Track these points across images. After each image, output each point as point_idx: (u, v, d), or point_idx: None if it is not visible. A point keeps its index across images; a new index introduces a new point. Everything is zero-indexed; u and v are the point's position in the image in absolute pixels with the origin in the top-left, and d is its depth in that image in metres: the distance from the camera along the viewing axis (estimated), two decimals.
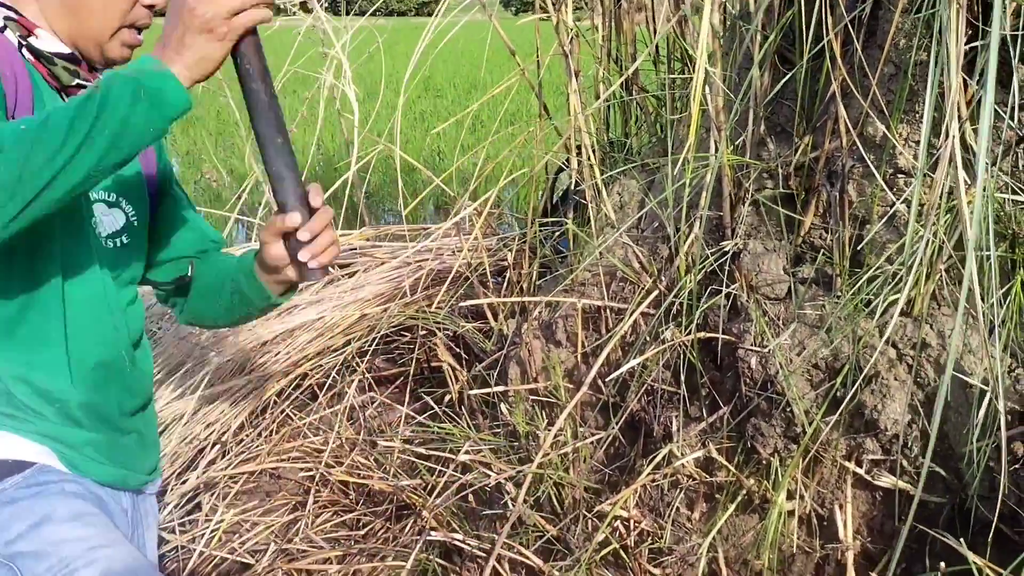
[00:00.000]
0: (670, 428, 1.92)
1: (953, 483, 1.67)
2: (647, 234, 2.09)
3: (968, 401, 1.60)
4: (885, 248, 1.69)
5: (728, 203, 1.84)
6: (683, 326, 1.86)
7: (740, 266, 1.78)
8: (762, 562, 1.92)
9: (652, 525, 1.97)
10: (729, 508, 1.86)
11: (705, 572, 1.97)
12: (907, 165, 1.64)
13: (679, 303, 1.87)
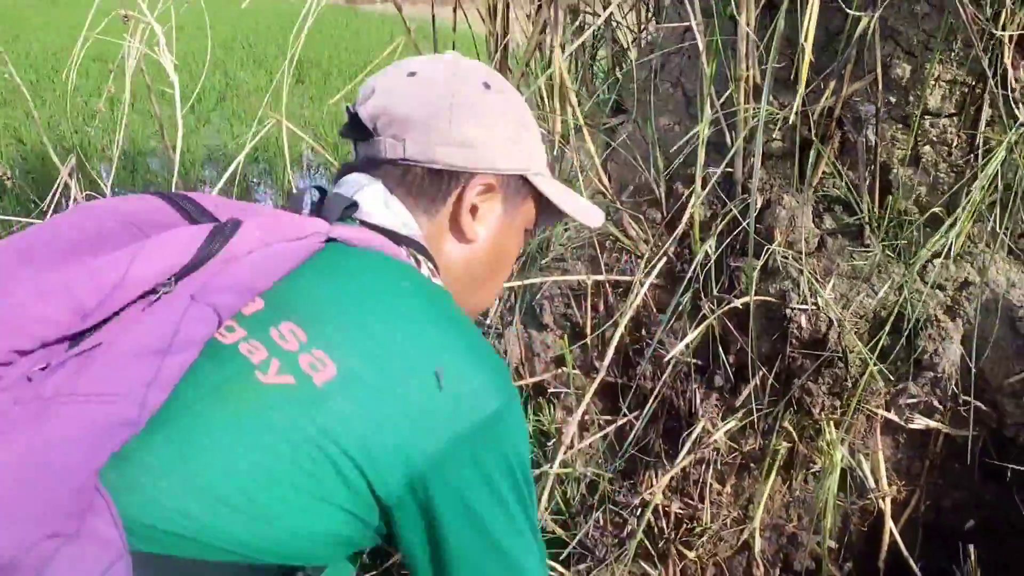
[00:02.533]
0: (695, 404, 1.80)
1: (989, 416, 1.71)
2: (625, 199, 1.94)
3: (1016, 331, 1.63)
4: (915, 191, 1.67)
5: (741, 157, 1.73)
6: (710, 295, 1.74)
7: (775, 222, 1.69)
8: (794, 523, 1.88)
9: (683, 508, 1.85)
10: (768, 477, 1.78)
11: (737, 544, 1.90)
12: (936, 107, 1.62)
13: (695, 270, 1.75)
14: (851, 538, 1.87)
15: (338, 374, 0.78)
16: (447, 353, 0.84)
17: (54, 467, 0.67)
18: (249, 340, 0.79)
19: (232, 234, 0.82)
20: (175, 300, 0.77)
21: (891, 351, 1.69)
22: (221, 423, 0.76)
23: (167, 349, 0.73)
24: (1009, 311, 1.62)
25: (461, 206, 1.02)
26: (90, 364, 0.72)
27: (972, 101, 1.58)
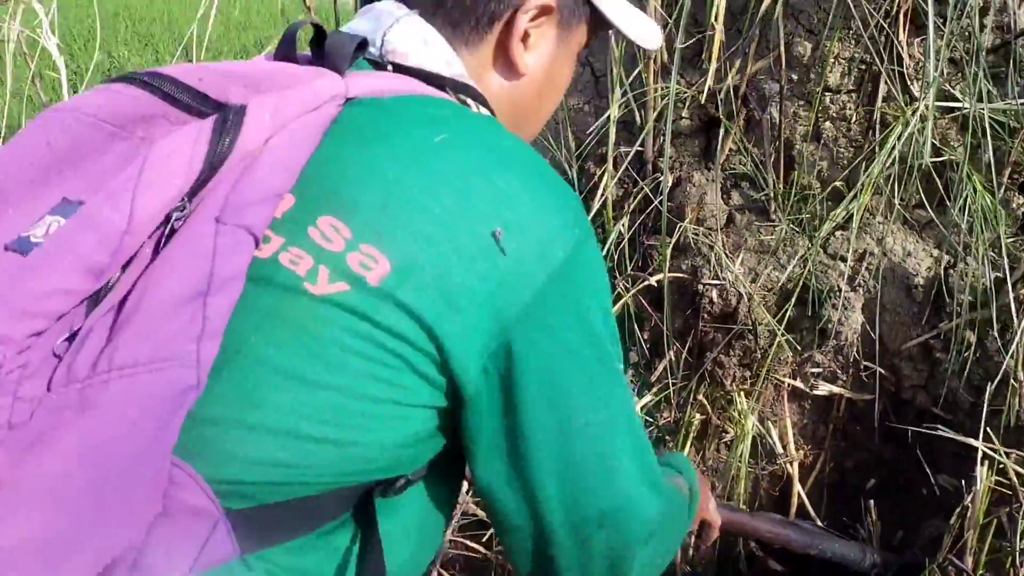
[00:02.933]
0: None
1: (888, 380, 1.80)
2: None
3: (912, 298, 1.71)
4: (817, 166, 1.73)
5: (651, 136, 1.76)
6: (624, 274, 1.76)
7: (685, 200, 1.72)
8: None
9: None
10: (683, 448, 1.83)
11: None
12: (836, 84, 1.68)
13: (608, 250, 1.77)
14: (761, 502, 1.94)
15: (392, 268, 0.69)
16: (504, 207, 0.73)
17: (128, 459, 0.58)
18: (289, 248, 0.69)
19: (239, 128, 0.69)
20: (199, 227, 0.66)
21: (797, 322, 1.75)
22: (284, 353, 0.68)
23: (206, 290, 0.63)
24: (905, 279, 1.70)
25: (511, 33, 0.87)
26: (123, 328, 0.62)
27: (870, 78, 1.64)
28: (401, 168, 0.72)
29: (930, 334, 1.71)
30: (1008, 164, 1.59)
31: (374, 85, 0.77)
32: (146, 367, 0.60)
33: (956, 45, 1.57)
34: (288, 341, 0.68)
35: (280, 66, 0.79)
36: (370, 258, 0.69)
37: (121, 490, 0.58)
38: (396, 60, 0.83)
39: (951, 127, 1.62)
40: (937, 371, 1.73)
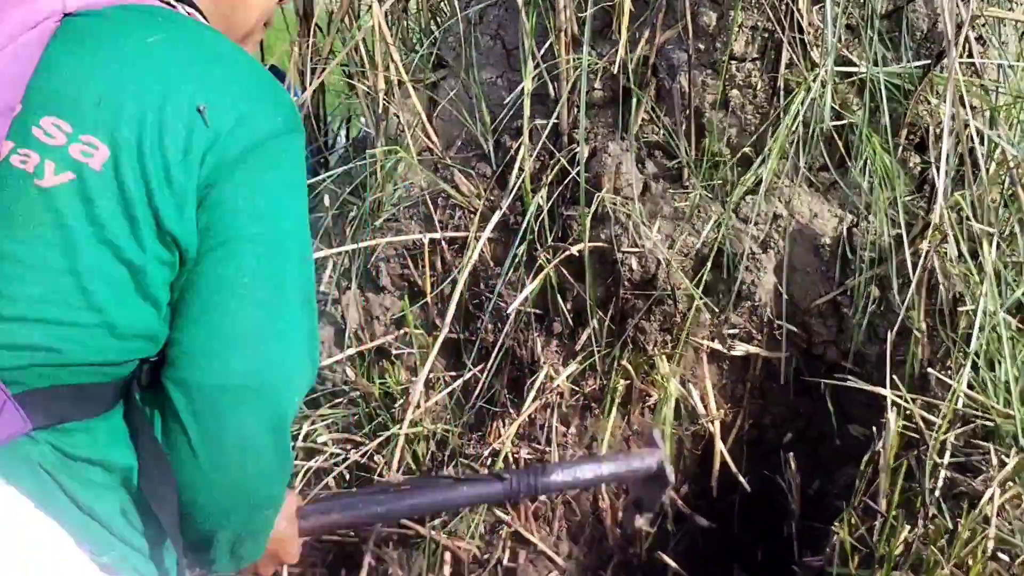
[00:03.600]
0: (537, 352, 1.85)
1: (800, 337, 1.87)
2: (454, 155, 1.94)
3: (820, 257, 1.78)
4: (726, 133, 1.78)
5: (565, 108, 1.77)
6: (545, 245, 1.78)
7: (601, 170, 1.75)
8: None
9: (531, 453, 1.90)
10: (609, 414, 1.87)
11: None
12: (741, 52, 1.72)
13: (528, 222, 1.78)
14: (686, 462, 2.00)
15: (111, 151, 0.77)
16: (209, 90, 0.82)
17: None
18: (18, 151, 0.76)
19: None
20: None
21: (713, 285, 1.81)
22: (25, 247, 0.75)
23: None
24: (813, 240, 1.78)
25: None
26: None
27: (773, 46, 1.69)
28: (116, 66, 0.80)
29: (837, 291, 1.79)
30: (904, 125, 1.67)
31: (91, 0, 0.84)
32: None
33: (852, 12, 1.63)
34: (27, 235, 0.75)
35: None
36: (90, 146, 0.77)
37: None
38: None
39: (850, 91, 1.70)
40: (845, 326, 1.82)
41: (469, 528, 1.85)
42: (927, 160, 1.72)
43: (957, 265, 1.67)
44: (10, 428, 0.74)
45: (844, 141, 1.71)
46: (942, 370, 1.71)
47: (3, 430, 0.73)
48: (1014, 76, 1.68)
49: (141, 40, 0.82)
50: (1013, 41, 1.73)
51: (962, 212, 1.64)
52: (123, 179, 0.77)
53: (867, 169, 1.68)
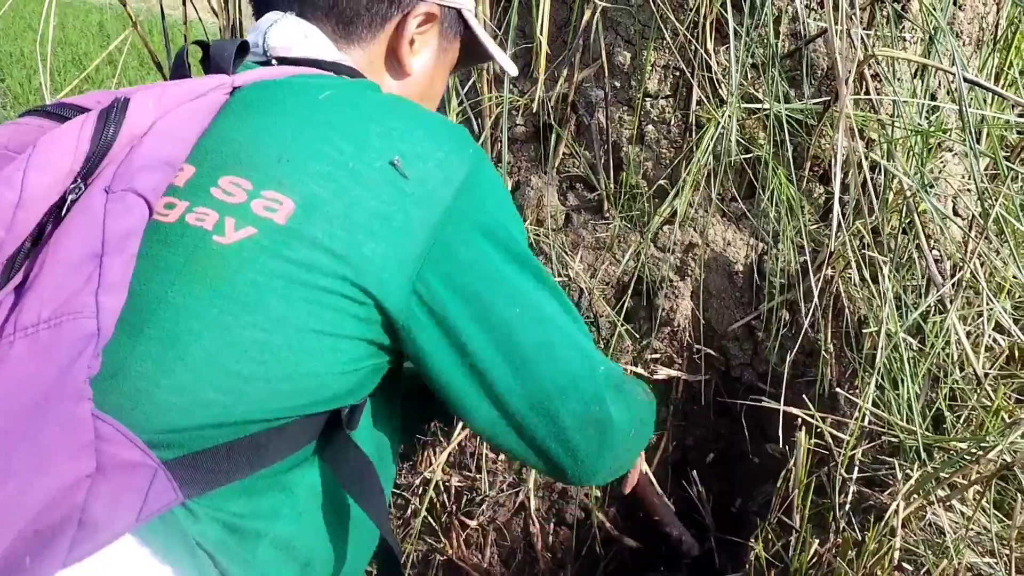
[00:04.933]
0: None
1: (718, 360, 1.95)
2: None
3: (734, 284, 1.86)
4: (643, 166, 1.85)
5: (488, 143, 1.83)
6: None
7: (524, 202, 1.81)
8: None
9: (462, 480, 1.94)
10: None
11: (514, 507, 2.02)
12: (654, 90, 1.81)
13: None
14: (612, 484, 2.05)
15: (297, 206, 0.73)
16: (396, 140, 0.78)
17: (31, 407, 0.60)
18: (194, 210, 0.73)
19: (123, 113, 0.73)
20: (91, 200, 0.69)
21: (634, 312, 1.87)
22: (202, 302, 0.70)
23: (101, 251, 0.66)
24: (727, 267, 1.86)
25: (401, 36, 0.95)
26: (26, 294, 0.65)
27: (684, 84, 1.78)
28: (293, 126, 0.77)
29: (752, 316, 1.87)
30: (808, 158, 1.76)
31: (259, 74, 0.83)
32: (47, 324, 0.63)
33: (756, 51, 1.73)
34: (204, 290, 0.71)
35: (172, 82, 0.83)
36: (274, 201, 0.73)
37: (25, 436, 0.59)
38: (279, 55, 0.89)
39: (757, 126, 1.79)
40: (760, 349, 1.90)
41: (402, 556, 1.87)
42: (830, 191, 1.82)
43: (861, 289, 1.76)
44: (161, 501, 0.67)
45: (753, 173, 1.80)
46: (850, 389, 1.80)
47: (154, 503, 0.66)
48: (908, 111, 1.78)
49: (314, 98, 0.80)
50: (907, 78, 1.84)
51: (864, 239, 1.74)
52: (311, 234, 0.72)
53: (775, 200, 1.77)
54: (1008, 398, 1.72)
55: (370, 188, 0.75)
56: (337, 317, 0.75)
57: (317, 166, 0.75)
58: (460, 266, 0.79)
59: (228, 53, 0.84)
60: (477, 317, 0.80)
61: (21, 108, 6.89)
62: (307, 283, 0.73)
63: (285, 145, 0.76)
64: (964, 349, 1.69)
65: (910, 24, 1.77)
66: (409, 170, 0.76)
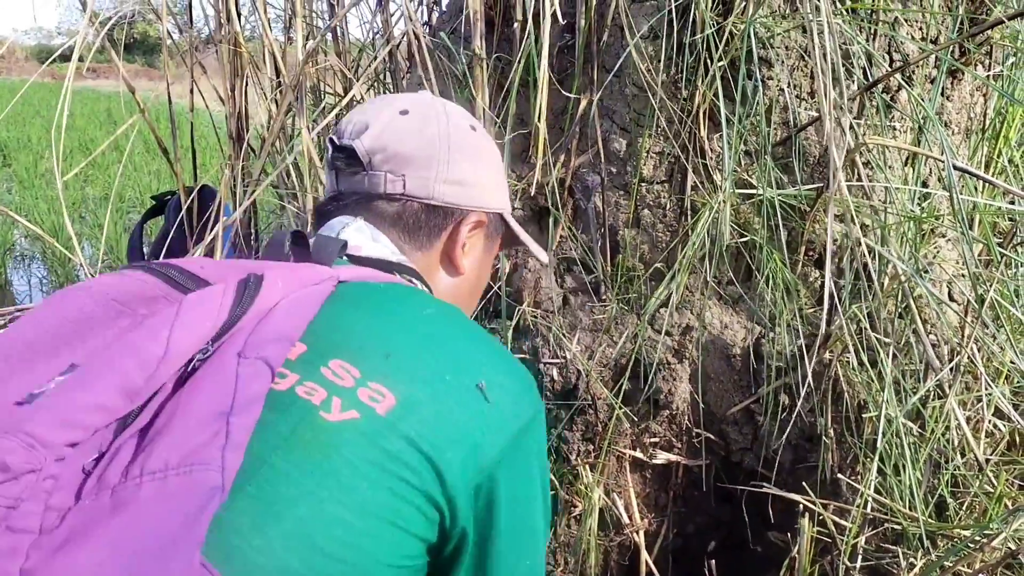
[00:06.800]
0: None
1: (718, 444, 1.93)
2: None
3: (732, 367, 1.86)
4: (639, 249, 1.87)
5: None
6: None
7: (523, 284, 1.82)
8: (561, 567, 1.99)
9: None
10: None
11: None
12: (650, 175, 1.84)
13: None
14: (612, 573, 2.01)
15: (398, 402, 0.79)
16: (484, 367, 0.86)
17: (157, 551, 0.61)
18: (304, 383, 0.79)
19: (258, 289, 0.82)
20: (224, 361, 0.75)
21: (632, 394, 1.86)
22: (302, 471, 0.74)
23: (230, 411, 0.71)
24: (725, 350, 1.86)
25: (456, 241, 1.08)
26: (154, 440, 0.69)
27: (679, 169, 1.81)
28: (400, 329, 0.87)
29: (750, 399, 1.86)
30: (803, 242, 1.78)
31: (356, 272, 0.94)
32: (176, 471, 0.66)
33: (749, 139, 1.76)
34: (304, 460, 0.75)
35: (271, 262, 0.93)
36: (378, 393, 0.80)
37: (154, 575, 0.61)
38: (352, 252, 1.01)
39: (751, 211, 1.81)
40: (760, 433, 1.88)
41: None
42: (826, 275, 1.83)
43: (859, 373, 1.76)
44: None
45: (749, 257, 1.82)
46: (851, 475, 1.78)
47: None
48: (901, 197, 1.81)
49: (419, 310, 0.90)
50: (898, 166, 1.87)
51: (861, 323, 1.74)
52: (406, 431, 0.78)
53: (771, 283, 1.78)
54: (1010, 484, 1.69)
55: (458, 402, 0.83)
56: (410, 513, 0.80)
57: (419, 371, 0.83)
58: (515, 496, 0.87)
59: (332, 249, 0.97)
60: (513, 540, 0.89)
61: (27, 192, 6.98)
62: (394, 475, 0.78)
63: (392, 345, 0.84)
64: (964, 434, 1.68)
65: (899, 113, 1.81)
66: (491, 396, 0.85)
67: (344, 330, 0.85)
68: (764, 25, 1.70)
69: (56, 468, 0.66)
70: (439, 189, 1.05)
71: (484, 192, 1.10)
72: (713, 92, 1.71)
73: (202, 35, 3.05)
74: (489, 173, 1.12)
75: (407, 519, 0.79)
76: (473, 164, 1.08)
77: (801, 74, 1.76)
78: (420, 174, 1.04)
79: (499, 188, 1.14)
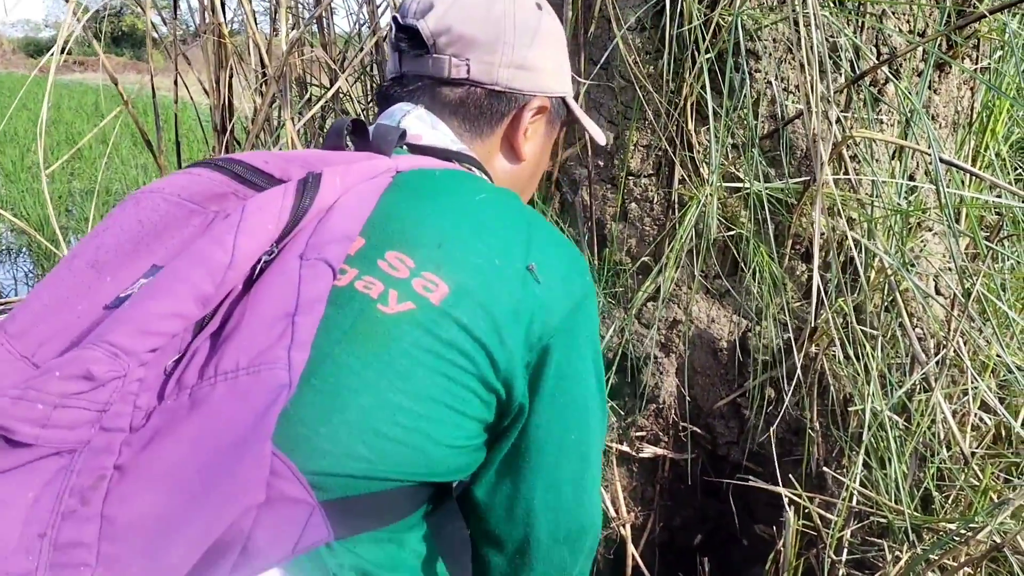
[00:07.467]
0: None
1: (704, 438, 1.93)
2: None
3: (718, 360, 1.86)
4: (626, 243, 1.87)
5: None
6: None
7: None
8: None
9: None
10: None
11: None
12: (637, 168, 1.83)
13: None
14: (598, 567, 2.00)
15: (451, 291, 0.82)
16: (534, 250, 0.88)
17: (231, 445, 0.66)
18: (362, 277, 0.82)
19: (316, 188, 0.83)
20: (287, 263, 0.78)
21: (619, 388, 1.86)
22: (363, 362, 0.78)
23: (295, 311, 0.74)
24: (711, 343, 1.85)
25: (517, 128, 1.07)
26: (225, 342, 0.73)
27: (666, 163, 1.81)
28: (453, 217, 0.89)
29: (737, 393, 1.86)
30: (789, 236, 1.78)
31: (414, 162, 0.95)
32: (246, 371, 0.71)
33: (736, 132, 1.76)
34: (365, 352, 0.79)
35: (331, 152, 0.94)
36: (432, 283, 0.82)
37: (227, 471, 0.66)
38: (411, 141, 1.01)
39: (739, 205, 1.81)
40: (746, 427, 1.88)
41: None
42: (812, 268, 1.83)
43: (845, 367, 1.76)
44: (315, 536, 0.73)
45: (736, 250, 1.82)
46: (837, 468, 1.78)
47: (309, 538, 0.72)
48: (887, 191, 1.81)
49: (471, 197, 0.91)
50: (885, 159, 1.87)
51: (847, 317, 1.74)
52: (459, 318, 0.81)
53: (758, 277, 1.78)
54: (996, 478, 1.70)
55: (508, 286, 0.85)
56: (467, 396, 0.83)
57: (470, 258, 0.85)
58: (563, 372, 0.89)
59: (391, 138, 0.97)
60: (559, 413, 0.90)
61: (12, 185, 6.92)
62: (450, 361, 0.81)
63: (444, 234, 0.86)
64: (950, 428, 1.68)
65: (886, 107, 1.81)
66: (541, 276, 0.87)
67: (399, 221, 0.87)
68: (751, 17, 1.70)
69: (141, 372, 0.71)
70: (503, 74, 1.03)
71: (547, 76, 1.08)
72: (700, 85, 1.70)
73: (189, 28, 3.03)
74: (554, 55, 1.09)
75: (464, 402, 0.83)
76: (538, 47, 1.06)
77: (788, 67, 1.75)
78: (484, 58, 1.02)
79: (562, 71, 1.12)
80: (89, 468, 0.66)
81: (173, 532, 0.63)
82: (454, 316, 0.82)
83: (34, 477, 0.65)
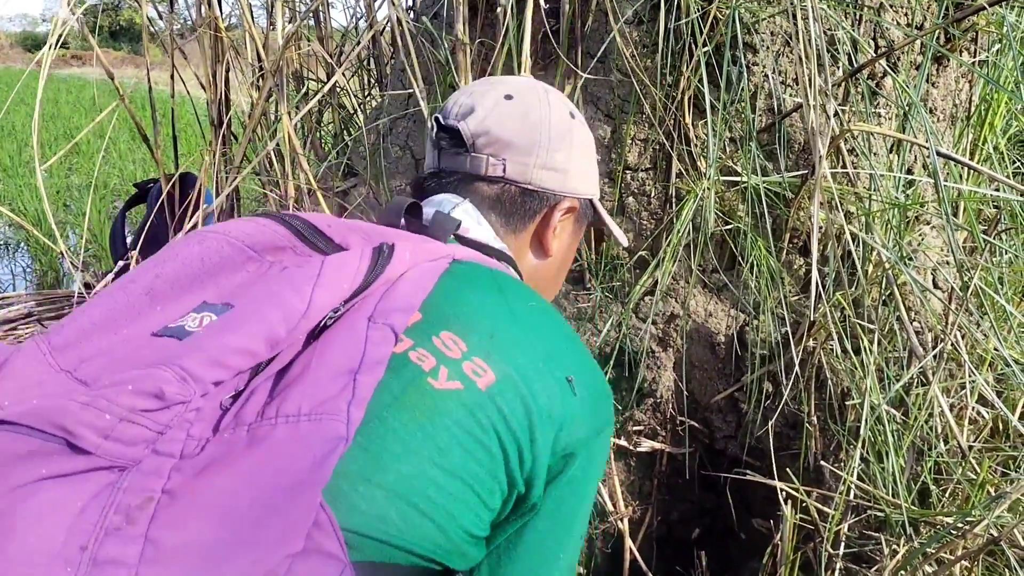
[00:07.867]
0: None
1: (702, 432, 1.93)
2: None
3: (716, 355, 1.86)
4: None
5: None
6: None
7: None
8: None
9: None
10: None
11: None
12: (634, 162, 1.83)
13: None
14: (597, 561, 2.01)
15: (497, 379, 0.85)
16: (574, 364, 0.92)
17: (286, 488, 0.67)
18: (417, 349, 0.85)
19: (389, 259, 0.87)
20: (356, 322, 0.81)
21: (617, 383, 1.86)
22: (407, 430, 0.80)
23: (358, 369, 0.77)
24: (709, 338, 1.85)
25: (548, 225, 1.13)
26: (289, 387, 0.75)
27: (663, 157, 1.80)
28: (506, 315, 0.93)
29: (734, 387, 1.86)
30: (787, 230, 1.78)
31: (468, 254, 1.00)
32: (308, 417, 0.72)
33: (734, 126, 1.75)
34: (410, 420, 0.81)
35: (389, 228, 0.99)
36: (481, 368, 0.86)
37: (277, 512, 0.66)
38: (460, 233, 1.07)
39: (736, 198, 1.80)
40: (744, 421, 1.88)
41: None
42: (810, 262, 1.83)
43: (843, 361, 1.76)
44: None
45: (733, 244, 1.81)
46: (834, 462, 1.78)
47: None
48: (885, 184, 1.81)
49: (524, 302, 0.96)
50: (883, 153, 1.87)
51: (845, 311, 1.74)
52: (501, 407, 0.84)
53: (755, 271, 1.78)
54: (993, 471, 1.70)
55: (548, 389, 0.88)
56: (491, 487, 0.85)
57: (518, 355, 0.88)
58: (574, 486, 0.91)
59: (448, 227, 1.03)
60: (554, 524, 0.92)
61: (11, 180, 6.91)
62: (486, 448, 0.83)
63: (497, 328, 0.90)
64: (948, 422, 1.68)
65: (884, 100, 1.81)
66: (578, 390, 0.90)
67: (458, 306, 0.91)
68: (749, 10, 1.69)
69: (201, 402, 0.72)
70: (537, 175, 1.10)
71: (578, 178, 1.14)
72: (698, 78, 1.69)
73: (186, 22, 3.02)
74: (584, 160, 1.16)
75: (488, 492, 0.85)
76: (569, 152, 1.12)
77: (786, 60, 1.75)
78: (520, 159, 1.09)
79: (591, 174, 1.19)
80: (137, 488, 0.66)
81: (214, 566, 0.64)
82: (497, 404, 0.84)
83: (85, 487, 0.65)
